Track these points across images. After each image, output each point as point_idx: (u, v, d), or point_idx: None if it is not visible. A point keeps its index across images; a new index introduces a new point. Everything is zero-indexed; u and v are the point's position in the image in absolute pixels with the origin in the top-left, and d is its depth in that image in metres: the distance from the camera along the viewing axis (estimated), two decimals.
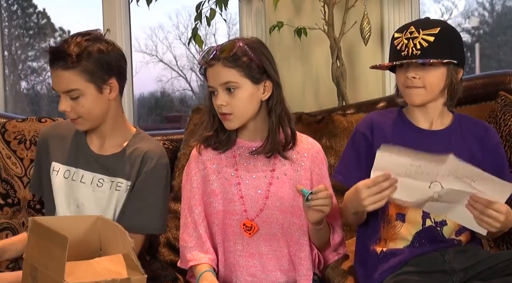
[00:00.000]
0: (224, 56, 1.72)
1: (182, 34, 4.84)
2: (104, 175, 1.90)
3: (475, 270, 1.68)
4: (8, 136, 2.32)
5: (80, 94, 1.81)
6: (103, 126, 1.91)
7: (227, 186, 1.78)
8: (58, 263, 1.39)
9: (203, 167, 1.81)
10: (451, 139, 1.78)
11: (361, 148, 1.79)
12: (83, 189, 1.90)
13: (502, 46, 4.12)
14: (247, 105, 1.74)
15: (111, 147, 1.93)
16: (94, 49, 1.81)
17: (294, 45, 2.86)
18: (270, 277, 1.78)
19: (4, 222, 2.24)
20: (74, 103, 1.83)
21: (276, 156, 1.79)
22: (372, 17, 2.77)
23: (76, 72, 1.80)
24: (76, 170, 1.91)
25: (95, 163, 1.91)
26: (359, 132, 1.81)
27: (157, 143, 1.98)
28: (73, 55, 1.78)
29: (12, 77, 4.56)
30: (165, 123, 5.63)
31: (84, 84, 1.81)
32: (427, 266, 1.69)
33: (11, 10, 4.60)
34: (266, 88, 1.76)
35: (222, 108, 1.72)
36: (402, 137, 1.75)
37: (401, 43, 1.74)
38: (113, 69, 1.85)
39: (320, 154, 1.84)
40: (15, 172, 2.29)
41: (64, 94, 1.82)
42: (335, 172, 1.85)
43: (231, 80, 1.72)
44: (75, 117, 1.85)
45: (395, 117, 1.82)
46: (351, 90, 2.81)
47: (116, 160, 1.90)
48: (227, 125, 1.75)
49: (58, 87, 1.83)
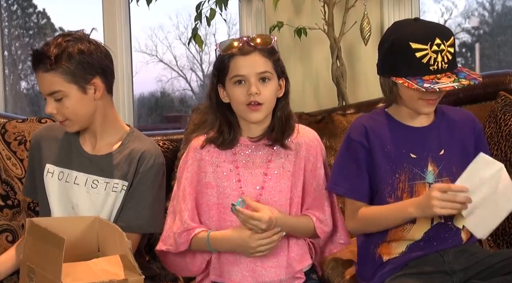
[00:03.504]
0: (262, 47, 1.73)
1: (182, 34, 4.84)
2: (99, 176, 1.89)
3: (475, 270, 1.68)
4: (8, 137, 2.32)
5: (63, 95, 1.81)
6: (94, 126, 1.90)
7: (225, 181, 1.79)
8: (55, 264, 1.40)
9: (200, 157, 1.82)
10: (441, 133, 1.78)
11: (360, 158, 1.74)
12: (77, 191, 1.88)
13: (502, 46, 4.12)
14: (274, 98, 1.77)
15: (104, 146, 1.92)
16: (74, 49, 1.80)
17: (294, 45, 2.86)
18: (268, 273, 1.77)
19: (4, 224, 2.23)
20: (59, 105, 1.83)
21: (274, 150, 1.80)
22: (372, 17, 2.77)
23: (56, 73, 1.80)
24: (69, 171, 1.90)
25: (89, 164, 1.90)
26: (354, 141, 1.75)
27: (152, 142, 1.97)
28: (52, 57, 1.78)
29: (12, 77, 4.55)
30: (165, 123, 5.62)
31: (66, 85, 1.81)
32: (427, 267, 1.69)
33: (11, 10, 4.59)
34: (281, 86, 1.79)
35: (256, 96, 1.72)
36: (396, 138, 1.75)
37: (429, 56, 1.65)
38: (95, 68, 1.83)
39: (314, 141, 1.84)
40: (15, 173, 2.28)
41: (48, 97, 1.83)
42: (334, 184, 1.78)
43: (268, 70, 1.74)
44: (62, 119, 1.85)
45: (383, 119, 1.79)
46: (351, 90, 2.81)
47: (111, 160, 1.89)
48: (256, 116, 1.75)
49: (42, 89, 1.84)
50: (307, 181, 1.82)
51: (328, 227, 1.81)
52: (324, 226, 1.80)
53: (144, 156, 1.88)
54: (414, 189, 1.71)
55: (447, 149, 1.76)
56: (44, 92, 1.83)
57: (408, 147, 1.73)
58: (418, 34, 1.67)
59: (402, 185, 1.71)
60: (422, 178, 1.72)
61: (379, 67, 1.78)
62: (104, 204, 1.87)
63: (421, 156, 1.73)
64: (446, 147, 1.76)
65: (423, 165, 1.73)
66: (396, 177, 1.71)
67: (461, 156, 1.76)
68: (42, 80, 1.82)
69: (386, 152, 1.73)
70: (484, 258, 1.69)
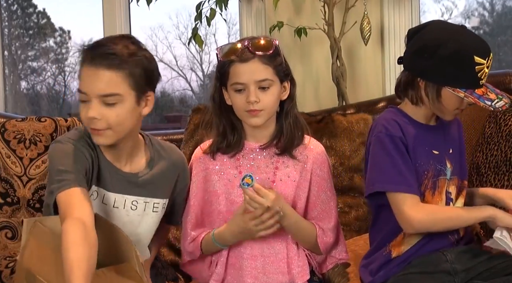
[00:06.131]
0: (262, 53, 1.69)
1: (182, 34, 4.84)
2: (137, 196, 1.72)
3: (476, 270, 1.68)
4: (8, 135, 2.32)
5: (119, 100, 1.58)
6: (128, 143, 1.69)
7: (230, 188, 1.77)
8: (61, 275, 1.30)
9: (204, 167, 1.80)
10: (446, 132, 1.80)
11: (405, 153, 1.70)
12: (117, 214, 1.70)
13: (502, 46, 4.11)
14: (275, 103, 1.73)
15: (135, 164, 1.73)
16: (142, 54, 1.61)
17: (294, 45, 2.86)
18: (271, 280, 1.76)
19: (4, 221, 2.24)
20: (106, 111, 1.57)
21: (279, 158, 1.77)
22: (372, 17, 2.77)
23: (121, 74, 1.57)
24: (105, 192, 1.68)
25: (127, 183, 1.70)
26: (397, 137, 1.70)
27: (173, 148, 1.84)
28: (124, 54, 1.57)
29: (12, 77, 4.55)
30: (165, 123, 5.62)
31: (127, 90, 1.58)
32: (430, 267, 1.69)
33: (11, 10, 4.59)
34: (285, 88, 1.76)
35: (255, 104, 1.69)
36: (419, 135, 1.74)
37: (483, 71, 1.65)
38: (154, 81, 1.66)
39: (322, 155, 1.81)
40: (15, 171, 2.28)
41: (97, 99, 1.57)
42: (388, 183, 1.70)
43: (268, 77, 1.70)
44: (104, 127, 1.59)
45: (403, 117, 1.77)
46: (351, 90, 2.81)
47: (148, 178, 1.73)
48: (255, 121, 1.72)
49: (94, 88, 1.57)
50: (314, 194, 1.78)
51: (330, 239, 1.78)
52: (325, 237, 1.77)
53: (180, 170, 1.79)
54: (436, 185, 1.73)
55: (453, 148, 1.80)
56: (96, 92, 1.56)
57: (429, 144, 1.74)
58: (481, 48, 1.65)
59: (427, 181, 1.72)
60: (444, 174, 1.74)
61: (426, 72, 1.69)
62: (140, 223, 1.74)
63: (441, 153, 1.75)
64: (452, 146, 1.80)
65: (443, 161, 1.75)
66: (425, 173, 1.72)
67: (460, 157, 1.82)
68: (98, 78, 1.56)
69: (416, 149, 1.73)
70: (486, 259, 1.70)
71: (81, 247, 1.36)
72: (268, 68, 1.70)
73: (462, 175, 1.81)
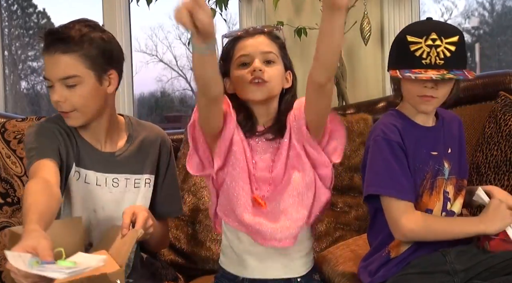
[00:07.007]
0: (268, 30, 1.75)
1: (182, 34, 4.85)
2: (118, 173, 1.77)
3: (476, 270, 1.68)
4: (8, 135, 2.32)
5: (78, 82, 1.66)
6: (102, 122, 1.76)
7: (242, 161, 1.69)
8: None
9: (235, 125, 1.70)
10: (445, 133, 1.80)
11: (402, 157, 1.71)
12: (100, 193, 1.76)
13: (502, 46, 4.12)
14: (279, 82, 1.73)
15: (114, 143, 1.81)
16: (96, 35, 1.68)
17: (294, 45, 2.86)
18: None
19: (4, 221, 2.24)
20: (69, 93, 1.66)
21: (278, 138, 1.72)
22: (372, 17, 2.77)
23: (76, 56, 1.64)
24: (86, 171, 1.75)
25: (106, 162, 1.77)
26: (394, 142, 1.71)
27: (152, 125, 1.92)
28: (75, 37, 1.64)
29: (12, 77, 4.55)
30: (165, 123, 5.63)
31: (85, 71, 1.66)
32: (429, 267, 1.69)
33: (11, 10, 4.60)
34: (288, 80, 1.77)
35: (260, 73, 1.67)
36: (417, 137, 1.75)
37: (422, 50, 1.67)
38: (114, 59, 1.72)
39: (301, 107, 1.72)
40: (15, 171, 2.29)
41: (59, 82, 1.66)
42: (380, 187, 1.71)
43: (273, 51, 1.72)
44: (69, 109, 1.68)
45: (401, 119, 1.78)
46: (351, 90, 2.81)
47: (126, 155, 1.80)
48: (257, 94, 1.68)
49: (54, 73, 1.66)
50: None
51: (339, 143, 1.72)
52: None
53: (162, 145, 1.85)
54: (434, 185, 1.73)
55: (452, 148, 1.80)
56: (56, 76, 1.65)
57: (429, 146, 1.75)
58: (416, 28, 1.72)
59: (426, 182, 1.73)
60: (442, 174, 1.75)
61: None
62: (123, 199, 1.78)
63: (440, 153, 1.76)
64: (451, 146, 1.80)
65: (441, 161, 1.75)
66: (424, 175, 1.73)
67: (459, 156, 1.81)
68: (56, 62, 1.65)
69: (416, 152, 1.73)
70: (485, 259, 1.69)
71: (39, 194, 1.45)
72: (274, 44, 1.74)
73: (461, 174, 1.81)
